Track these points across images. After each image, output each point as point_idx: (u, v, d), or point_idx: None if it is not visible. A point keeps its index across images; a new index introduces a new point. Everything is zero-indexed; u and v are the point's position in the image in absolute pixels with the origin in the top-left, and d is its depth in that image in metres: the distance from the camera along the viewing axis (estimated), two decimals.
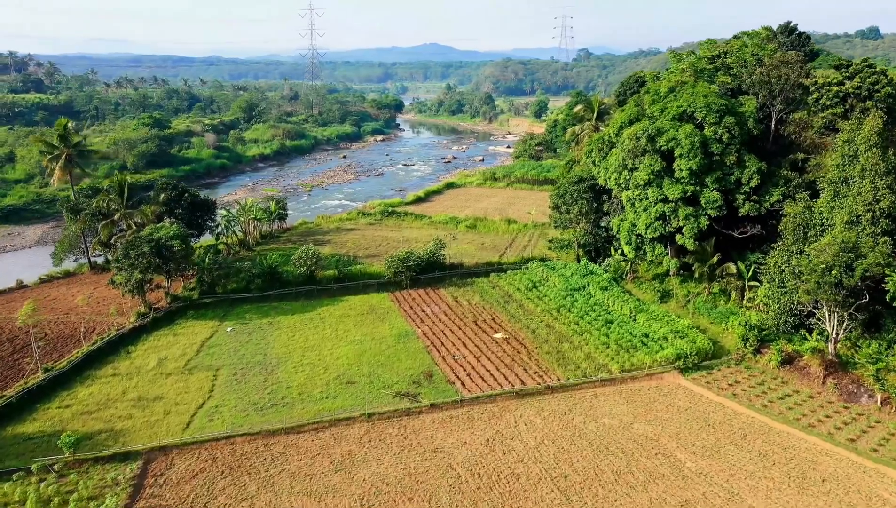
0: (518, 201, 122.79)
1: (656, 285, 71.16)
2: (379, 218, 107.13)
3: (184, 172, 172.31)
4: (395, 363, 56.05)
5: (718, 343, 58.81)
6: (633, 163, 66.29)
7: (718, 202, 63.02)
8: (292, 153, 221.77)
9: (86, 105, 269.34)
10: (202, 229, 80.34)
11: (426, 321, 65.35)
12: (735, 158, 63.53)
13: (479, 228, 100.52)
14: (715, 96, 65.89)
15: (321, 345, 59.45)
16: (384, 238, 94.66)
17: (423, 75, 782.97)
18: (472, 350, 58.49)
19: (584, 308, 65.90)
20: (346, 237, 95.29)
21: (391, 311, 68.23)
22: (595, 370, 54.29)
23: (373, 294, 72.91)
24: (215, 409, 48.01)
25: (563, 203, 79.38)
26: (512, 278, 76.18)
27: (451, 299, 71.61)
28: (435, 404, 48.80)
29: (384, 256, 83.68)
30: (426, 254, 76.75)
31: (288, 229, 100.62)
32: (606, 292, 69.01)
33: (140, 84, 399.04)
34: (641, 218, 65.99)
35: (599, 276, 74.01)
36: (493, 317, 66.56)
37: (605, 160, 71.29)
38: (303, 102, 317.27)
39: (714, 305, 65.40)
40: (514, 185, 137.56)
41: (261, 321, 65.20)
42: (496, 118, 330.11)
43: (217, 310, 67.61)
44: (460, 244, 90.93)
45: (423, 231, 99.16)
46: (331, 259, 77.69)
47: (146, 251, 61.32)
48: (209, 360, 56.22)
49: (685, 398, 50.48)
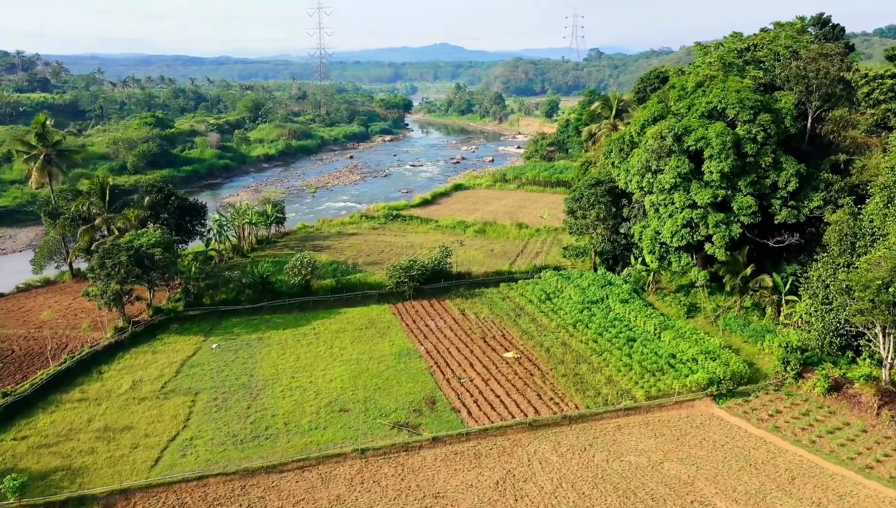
0: (529, 204, 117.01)
1: (681, 297, 65.16)
2: (383, 222, 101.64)
3: (185, 172, 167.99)
4: (395, 386, 50.44)
5: (754, 366, 52.82)
6: (657, 165, 60.39)
7: (752, 208, 57.02)
8: (298, 153, 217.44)
9: (91, 105, 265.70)
10: (192, 235, 75.05)
11: (430, 338, 59.72)
12: (771, 160, 57.52)
13: (488, 233, 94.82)
14: (748, 91, 59.91)
15: (313, 365, 53.92)
16: (387, 244, 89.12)
17: (433, 75, 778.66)
18: (479, 372, 52.79)
19: (604, 324, 60.08)
20: (346, 243, 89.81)
21: (392, 325, 62.65)
22: (617, 397, 48.47)
23: (373, 306, 67.39)
24: (189, 442, 42.54)
25: (578, 208, 73.57)
26: (524, 289, 70.45)
27: (457, 311, 65.96)
28: (438, 437, 43.14)
29: (387, 263, 78.07)
30: (431, 262, 71.15)
31: (286, 233, 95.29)
32: (627, 306, 63.14)
33: (147, 83, 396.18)
34: (666, 225, 60.07)
35: (619, 287, 68.15)
36: (503, 333, 60.84)
37: (626, 161, 65.42)
38: (310, 102, 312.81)
39: (747, 321, 59.40)
40: (525, 187, 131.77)
41: (249, 336, 59.78)
42: (506, 118, 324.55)
43: (203, 324, 62.26)
44: (468, 251, 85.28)
45: (429, 236, 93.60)
46: (328, 268, 72.12)
47: (124, 261, 56.03)
48: (189, 382, 50.81)
49: (721, 431, 44.57)
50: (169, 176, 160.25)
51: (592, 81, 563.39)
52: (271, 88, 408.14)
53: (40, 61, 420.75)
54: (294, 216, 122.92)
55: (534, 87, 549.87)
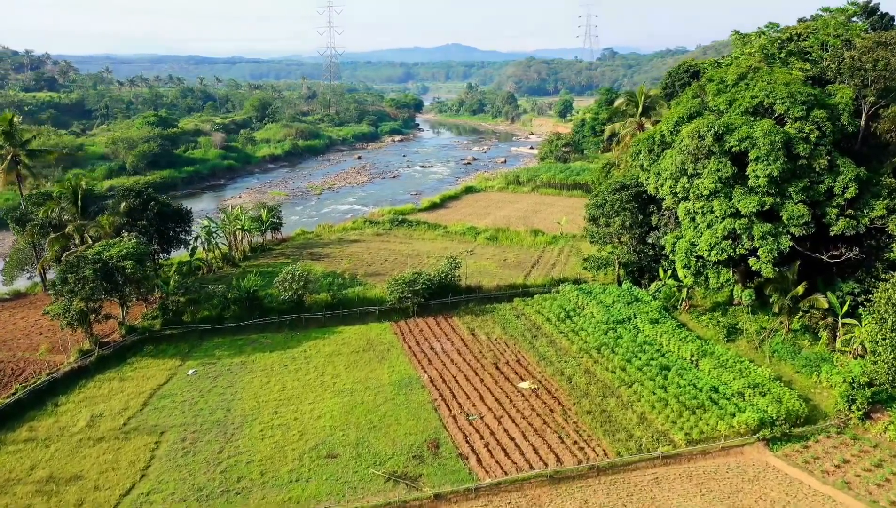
0: (544, 208, 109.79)
1: (719, 317, 57.73)
2: (387, 228, 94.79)
3: (187, 173, 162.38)
4: (393, 424, 43.51)
5: (810, 402, 45.42)
6: (694, 168, 53.08)
7: (805, 218, 49.56)
8: (305, 154, 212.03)
9: (97, 104, 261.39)
10: (175, 243, 68.42)
11: (435, 363, 52.73)
12: (826, 163, 50.07)
13: (500, 240, 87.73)
14: (799, 84, 52.50)
15: (301, 396, 47.09)
16: (391, 252, 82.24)
17: (444, 75, 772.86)
18: (491, 406, 45.74)
19: (632, 348, 52.86)
20: (347, 251, 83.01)
21: (393, 347, 55.72)
22: (653, 441, 41.28)
23: (372, 324, 60.53)
24: (146, 498, 35.78)
25: (601, 215, 66.40)
26: (540, 305, 63.35)
27: (466, 331, 58.96)
28: (440, 494, 36.12)
29: (390, 274, 71.28)
30: (438, 275, 64.19)
31: (284, 240, 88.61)
32: (658, 327, 55.85)
33: (155, 83, 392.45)
34: (704, 236, 52.73)
35: (647, 304, 60.90)
36: (517, 357, 53.74)
37: (657, 164, 58.16)
38: (319, 102, 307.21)
39: (797, 347, 51.96)
40: (539, 190, 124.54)
41: (232, 359, 53.03)
42: (519, 118, 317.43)
43: (182, 344, 55.63)
44: (479, 260, 78.22)
45: (437, 243, 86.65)
46: (323, 281, 65.12)
47: (88, 275, 49.50)
48: (156, 417, 44.14)
49: (780, 487, 37.27)
50: (169, 177, 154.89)
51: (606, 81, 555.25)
52: (281, 87, 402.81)
53: (49, 60, 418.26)
54: (297, 219, 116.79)
55: (546, 87, 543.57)
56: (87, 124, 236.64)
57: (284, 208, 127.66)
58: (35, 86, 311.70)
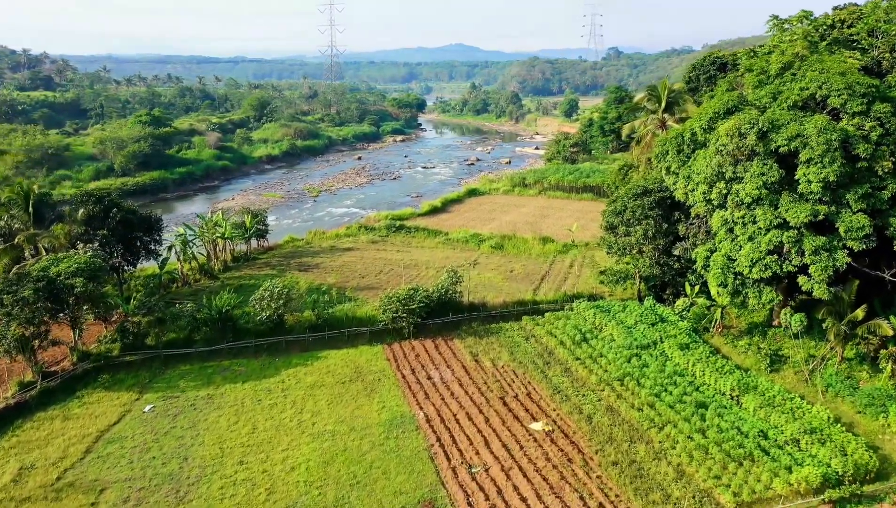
0: (553, 213, 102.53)
1: (759, 342, 50.38)
2: (384, 234, 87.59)
3: (179, 174, 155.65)
4: (380, 479, 36.26)
5: (879, 451, 38.09)
6: (733, 171, 45.78)
7: (865, 230, 42.24)
8: (303, 154, 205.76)
9: (92, 103, 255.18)
10: (146, 254, 61.18)
11: (432, 396, 45.53)
12: (890, 165, 42.73)
13: (506, 248, 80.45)
14: (857, 74, 45.21)
15: (273, 441, 39.89)
16: (387, 262, 75.04)
17: (448, 75, 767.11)
18: (498, 455, 38.47)
19: (660, 379, 45.57)
20: (339, 260, 75.85)
21: (384, 377, 48.50)
22: (696, 503, 34.00)
23: (362, 348, 53.31)
24: None
25: (620, 223, 59.14)
26: (552, 325, 56.09)
27: (468, 356, 51.71)
28: None
29: (385, 287, 64.23)
30: (437, 290, 56.98)
31: (270, 248, 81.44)
32: (689, 353, 48.55)
33: (154, 82, 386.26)
34: (744, 250, 45.42)
35: (674, 325, 53.60)
36: (528, 390, 46.45)
37: (687, 166, 50.84)
38: (319, 101, 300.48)
39: (853, 380, 44.58)
40: (547, 192, 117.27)
41: (197, 392, 45.87)
42: (523, 118, 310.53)
43: (142, 373, 48.51)
44: (483, 272, 71.00)
45: (437, 252, 79.43)
46: (307, 298, 57.66)
47: (28, 296, 42.46)
48: (97, 470, 36.98)
49: None
50: (160, 178, 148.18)
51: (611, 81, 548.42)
52: (283, 87, 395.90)
53: (47, 60, 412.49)
54: (289, 224, 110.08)
55: (551, 86, 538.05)
56: (82, 124, 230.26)
57: (278, 212, 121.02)
58: (31, 85, 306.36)
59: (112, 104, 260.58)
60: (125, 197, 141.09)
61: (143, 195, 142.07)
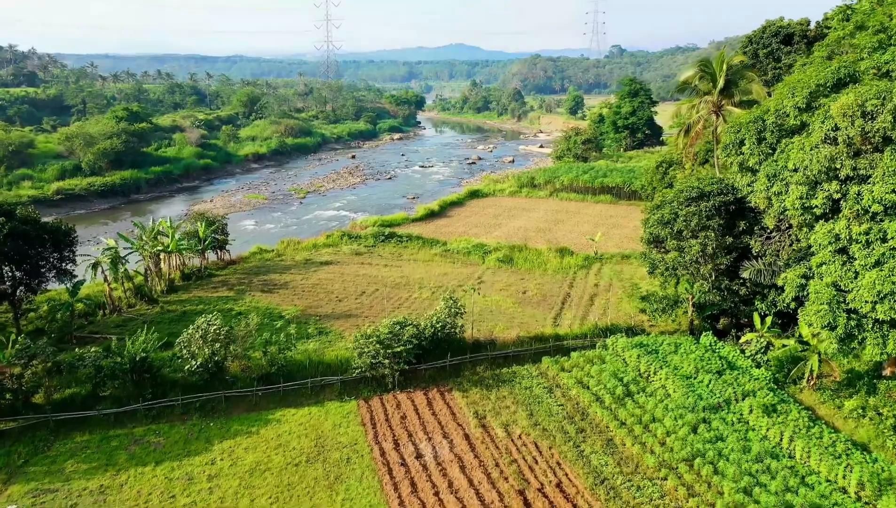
0: (568, 218, 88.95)
1: (873, 402, 36.64)
2: (371, 244, 73.90)
3: (154, 173, 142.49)
4: None
5: None
6: (851, 166, 32.23)
7: None
8: (294, 152, 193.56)
9: (74, 99, 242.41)
10: (58, 275, 47.36)
11: (421, 489, 31.82)
12: None
13: (516, 262, 66.77)
14: None
15: None
16: (372, 280, 61.43)
17: (448, 74, 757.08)
18: None
19: (747, 464, 31.84)
20: (314, 278, 62.20)
21: (356, 454, 34.78)
22: None
23: (330, 405, 39.61)
24: None
25: (669, 235, 45.53)
26: (583, 371, 42.44)
27: (472, 419, 38.00)
28: None
29: (366, 316, 50.78)
30: (430, 325, 43.28)
31: (233, 261, 67.58)
32: (778, 420, 34.87)
33: (143, 78, 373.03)
34: (866, 278, 31.83)
35: (747, 374, 39.96)
36: (557, 476, 32.72)
37: (772, 161, 37.29)
38: (314, 98, 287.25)
39: None
40: (558, 194, 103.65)
41: (87, 481, 32.20)
42: (525, 116, 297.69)
43: (19, 447, 34.82)
44: (489, 293, 57.37)
45: (433, 267, 65.79)
46: (257, 337, 43.20)
47: None
48: None
49: None
50: (132, 178, 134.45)
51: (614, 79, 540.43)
52: (278, 84, 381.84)
53: (35, 56, 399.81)
54: (270, 229, 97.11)
55: (553, 85, 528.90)
56: (61, 121, 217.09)
57: (260, 215, 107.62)
58: (13, 81, 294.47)
59: (96, 101, 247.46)
60: (92, 198, 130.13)
61: (113, 197, 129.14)
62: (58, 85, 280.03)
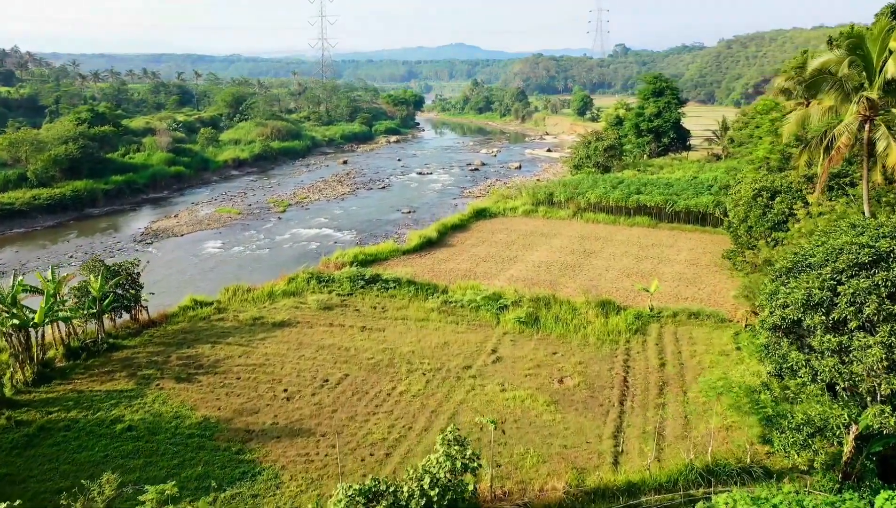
0: (600, 248, 70.50)
1: None
2: (347, 291, 55.23)
3: (115, 184, 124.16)
4: None
5: None
6: None
7: None
8: (280, 157, 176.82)
9: (48, 98, 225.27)
10: None
11: None
12: None
13: (544, 324, 47.87)
14: None
15: None
16: (341, 355, 42.80)
17: (448, 74, 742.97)
18: None
19: None
20: (260, 351, 43.60)
21: None
22: None
23: None
24: None
25: (821, 323, 27.00)
26: None
27: None
28: None
29: (326, 435, 32.51)
30: (420, 494, 24.84)
31: (151, 323, 48.56)
32: None
33: (129, 77, 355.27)
34: None
35: None
36: None
37: None
38: (307, 98, 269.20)
39: None
40: (583, 215, 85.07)
41: None
42: (530, 117, 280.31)
43: None
44: (509, 386, 38.66)
45: (429, 333, 47.11)
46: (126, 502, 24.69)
47: None
48: None
49: None
50: (86, 190, 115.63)
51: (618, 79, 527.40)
52: (273, 84, 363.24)
53: (16, 54, 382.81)
54: (239, 253, 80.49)
55: (556, 84, 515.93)
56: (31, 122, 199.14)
57: (228, 235, 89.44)
58: None
59: (72, 101, 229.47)
60: (36, 214, 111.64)
61: (63, 212, 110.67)
62: (33, 84, 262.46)
